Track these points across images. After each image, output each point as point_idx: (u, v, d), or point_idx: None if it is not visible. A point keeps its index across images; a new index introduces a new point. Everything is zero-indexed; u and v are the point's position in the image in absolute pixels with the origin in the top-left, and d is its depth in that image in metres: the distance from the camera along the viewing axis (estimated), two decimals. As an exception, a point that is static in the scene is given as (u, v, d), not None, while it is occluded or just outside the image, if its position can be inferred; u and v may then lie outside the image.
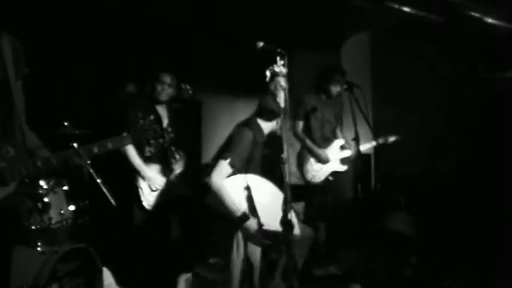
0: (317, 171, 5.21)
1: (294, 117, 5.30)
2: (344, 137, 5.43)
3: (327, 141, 5.35)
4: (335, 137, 5.41)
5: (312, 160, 5.23)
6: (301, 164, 5.31)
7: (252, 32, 4.09)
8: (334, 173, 5.25)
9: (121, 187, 4.74)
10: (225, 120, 6.15)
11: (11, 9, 3.51)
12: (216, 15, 5.49)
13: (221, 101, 6.14)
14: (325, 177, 5.22)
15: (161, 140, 4.44)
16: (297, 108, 5.29)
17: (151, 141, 4.20)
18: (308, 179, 5.23)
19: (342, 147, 5.34)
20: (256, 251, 3.72)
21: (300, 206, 5.31)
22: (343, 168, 5.29)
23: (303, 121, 5.31)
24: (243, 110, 6.28)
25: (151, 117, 4.40)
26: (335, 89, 5.30)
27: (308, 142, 5.25)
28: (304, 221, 5.17)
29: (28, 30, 3.91)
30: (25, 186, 2.28)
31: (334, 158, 5.27)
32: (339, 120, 5.51)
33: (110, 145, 2.40)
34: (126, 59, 5.12)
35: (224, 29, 5.66)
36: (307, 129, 5.32)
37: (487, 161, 5.59)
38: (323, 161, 5.22)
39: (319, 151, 5.23)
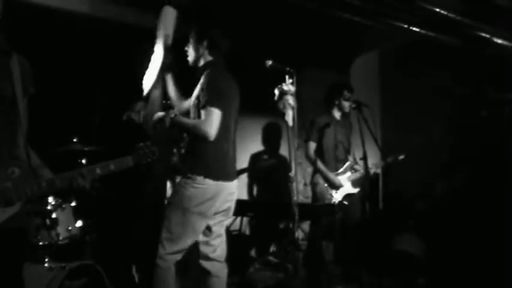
0: (332, 196, 5.16)
1: (307, 139, 5.27)
2: (354, 158, 5.40)
3: (340, 163, 5.30)
4: (347, 159, 5.38)
5: (326, 185, 5.18)
6: (315, 188, 5.26)
7: (260, 51, 4.11)
8: (347, 196, 5.21)
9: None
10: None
11: (21, 29, 3.56)
12: (225, 34, 5.52)
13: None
14: (339, 201, 5.18)
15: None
16: (309, 130, 5.27)
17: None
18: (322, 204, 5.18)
19: (353, 169, 5.30)
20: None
21: (306, 225, 5.28)
22: (355, 190, 5.25)
23: (316, 142, 5.27)
24: (251, 128, 6.32)
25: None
26: (346, 104, 5.27)
27: (322, 167, 5.18)
28: (310, 240, 5.16)
29: (39, 47, 3.97)
30: (32, 203, 2.29)
31: (346, 180, 5.24)
32: (349, 141, 5.48)
33: (112, 166, 2.41)
34: (136, 76, 5.16)
35: (233, 47, 5.69)
36: (320, 151, 5.27)
37: (497, 181, 5.56)
38: (336, 187, 5.18)
39: (332, 177, 5.18)
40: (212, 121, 3.23)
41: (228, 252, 3.64)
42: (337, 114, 5.36)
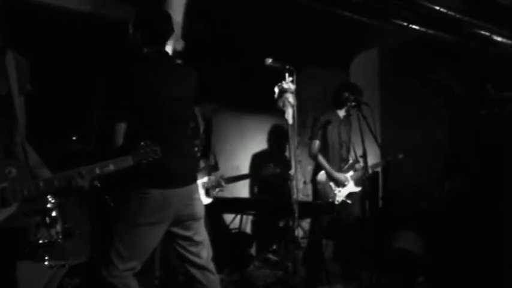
0: (336, 194, 5.16)
1: (312, 137, 5.23)
2: (356, 157, 5.37)
3: (343, 162, 5.29)
4: (349, 158, 5.37)
5: (331, 184, 5.18)
6: (318, 186, 5.22)
7: (260, 49, 4.10)
8: (350, 195, 5.21)
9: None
10: (233, 136, 6.16)
11: (18, 26, 3.54)
12: (225, 32, 5.52)
13: (230, 118, 6.15)
14: (342, 199, 5.17)
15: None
16: (313, 128, 5.25)
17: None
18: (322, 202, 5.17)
19: (355, 167, 5.29)
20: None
21: (306, 223, 5.28)
22: (358, 189, 5.24)
23: (320, 140, 5.24)
24: (251, 127, 6.32)
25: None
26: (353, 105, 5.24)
27: (326, 165, 5.17)
28: (309, 238, 5.16)
29: (38, 45, 3.96)
30: (32, 202, 2.28)
31: (349, 179, 5.24)
32: (351, 140, 5.46)
33: (111, 166, 2.39)
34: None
35: (233, 46, 5.69)
36: (325, 149, 5.23)
37: (496, 179, 5.56)
38: (341, 184, 5.18)
39: (338, 175, 5.18)
40: (109, 136, 2.84)
41: (228, 251, 3.64)
42: (341, 113, 5.32)
